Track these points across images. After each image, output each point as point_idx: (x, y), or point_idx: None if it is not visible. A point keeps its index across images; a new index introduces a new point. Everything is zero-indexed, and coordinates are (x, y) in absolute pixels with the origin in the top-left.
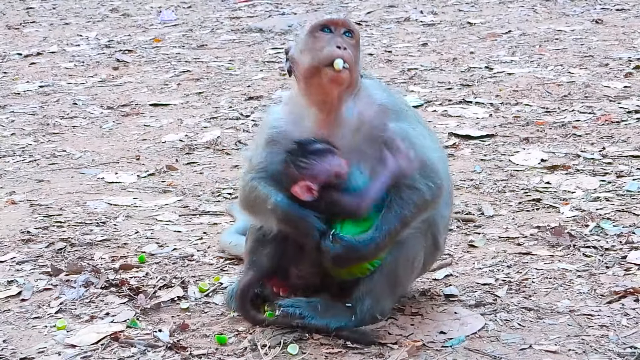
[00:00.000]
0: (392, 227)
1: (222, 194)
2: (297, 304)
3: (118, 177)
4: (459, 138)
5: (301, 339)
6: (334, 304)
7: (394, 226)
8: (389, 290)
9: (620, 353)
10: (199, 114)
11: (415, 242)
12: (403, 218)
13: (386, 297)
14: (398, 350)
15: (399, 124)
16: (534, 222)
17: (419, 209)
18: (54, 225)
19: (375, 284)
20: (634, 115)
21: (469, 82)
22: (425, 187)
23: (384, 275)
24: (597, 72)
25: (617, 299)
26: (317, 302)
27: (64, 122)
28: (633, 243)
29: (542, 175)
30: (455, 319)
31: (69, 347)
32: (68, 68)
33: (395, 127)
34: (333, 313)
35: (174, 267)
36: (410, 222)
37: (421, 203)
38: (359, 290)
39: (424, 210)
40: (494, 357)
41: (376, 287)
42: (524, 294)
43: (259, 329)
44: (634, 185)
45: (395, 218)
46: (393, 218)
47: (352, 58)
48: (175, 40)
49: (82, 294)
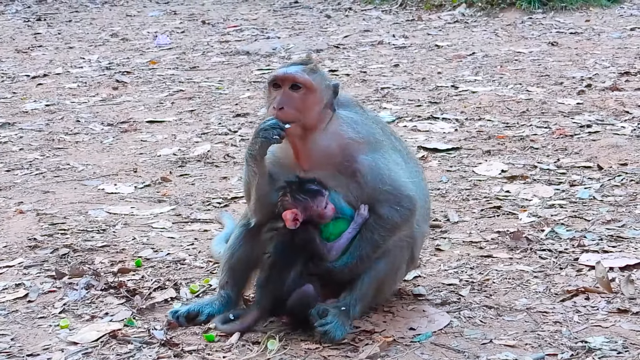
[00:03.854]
0: (364, 252)
1: (212, 203)
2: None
3: (117, 188)
4: (427, 151)
5: (282, 335)
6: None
7: (366, 251)
8: (375, 296)
9: (572, 347)
10: (191, 129)
11: (401, 255)
12: (374, 242)
13: (371, 303)
14: (371, 345)
15: (370, 156)
16: (495, 228)
17: (390, 232)
18: (58, 233)
19: (365, 291)
20: (586, 129)
21: (436, 100)
22: (395, 213)
23: (373, 284)
24: (553, 90)
25: (569, 297)
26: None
27: (68, 138)
28: (584, 246)
29: (503, 184)
30: (423, 317)
31: (71, 345)
32: (72, 88)
33: (364, 159)
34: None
35: (167, 270)
36: (382, 244)
37: (391, 227)
38: (352, 296)
39: (395, 232)
40: (458, 351)
41: (365, 295)
42: (485, 293)
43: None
44: (586, 194)
45: (367, 243)
46: (365, 244)
47: (290, 114)
48: (169, 62)
49: (83, 295)
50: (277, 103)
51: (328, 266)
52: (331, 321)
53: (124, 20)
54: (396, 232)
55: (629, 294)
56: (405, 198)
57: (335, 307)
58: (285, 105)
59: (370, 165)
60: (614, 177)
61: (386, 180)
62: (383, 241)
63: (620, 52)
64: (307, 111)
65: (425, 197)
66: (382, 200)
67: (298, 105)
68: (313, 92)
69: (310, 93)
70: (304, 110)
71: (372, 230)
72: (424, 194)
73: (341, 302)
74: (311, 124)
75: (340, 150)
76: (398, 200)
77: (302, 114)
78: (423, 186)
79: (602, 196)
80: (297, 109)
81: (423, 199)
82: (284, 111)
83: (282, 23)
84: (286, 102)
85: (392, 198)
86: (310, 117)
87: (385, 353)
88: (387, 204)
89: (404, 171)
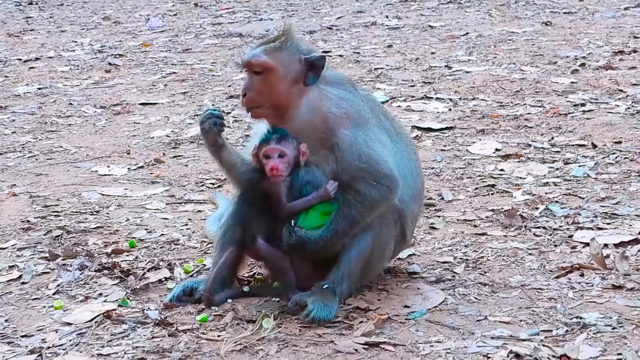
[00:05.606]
0: (340, 227)
1: (205, 184)
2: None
3: (110, 170)
4: (421, 130)
5: (277, 314)
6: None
7: (342, 226)
8: (363, 273)
9: (567, 323)
10: (184, 111)
11: (387, 231)
12: (352, 219)
13: (360, 280)
14: (366, 322)
15: (351, 131)
16: (489, 206)
17: (368, 208)
18: (52, 215)
19: (351, 269)
20: (580, 108)
21: (430, 80)
22: (372, 190)
23: (360, 261)
24: (547, 69)
25: (564, 274)
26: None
27: (61, 121)
28: (579, 223)
29: (497, 163)
30: (417, 294)
31: (65, 325)
32: (64, 71)
33: (344, 133)
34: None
35: (161, 251)
36: (360, 221)
37: (369, 204)
38: (337, 273)
39: (374, 209)
40: (453, 328)
41: (352, 272)
42: (479, 270)
43: (239, 305)
44: (580, 171)
45: (344, 219)
46: (342, 219)
47: (253, 99)
48: (162, 45)
49: (77, 276)
50: (242, 89)
51: (302, 236)
52: (312, 308)
53: (115, 4)
54: (375, 209)
55: (624, 270)
56: (383, 176)
57: (312, 292)
58: (248, 91)
59: (350, 141)
60: (608, 155)
61: (363, 157)
62: (361, 217)
63: (614, 32)
64: (270, 93)
65: (415, 177)
66: (358, 177)
67: (260, 88)
68: (272, 72)
69: (269, 74)
70: (267, 92)
71: (349, 205)
72: (413, 173)
73: (324, 281)
74: (278, 103)
75: (322, 123)
76: (376, 178)
77: (265, 96)
78: (413, 166)
79: (596, 174)
80: (260, 92)
81: (412, 178)
82: (247, 97)
83: (275, 5)
84: (249, 87)
85: (368, 175)
86: (276, 98)
87: (380, 330)
88: (363, 180)
89: (387, 150)
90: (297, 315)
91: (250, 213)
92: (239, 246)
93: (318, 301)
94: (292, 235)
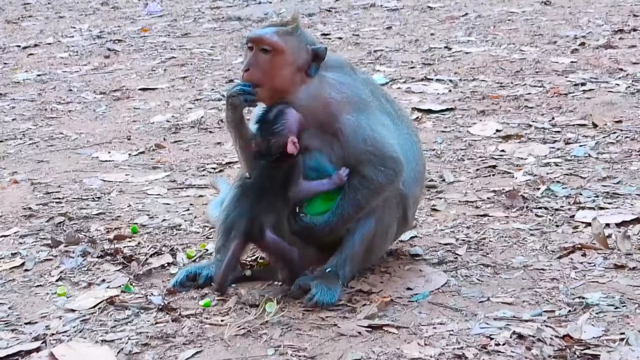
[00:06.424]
0: (346, 212)
1: (207, 168)
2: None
3: (111, 155)
4: (422, 112)
5: (280, 298)
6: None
7: (348, 211)
8: (366, 256)
9: (569, 303)
10: (184, 96)
11: (390, 214)
12: (357, 203)
13: (363, 263)
14: (369, 305)
15: (354, 116)
16: (491, 187)
17: (374, 192)
18: (53, 201)
19: (354, 252)
20: (580, 87)
21: (430, 61)
22: (379, 174)
23: (363, 244)
24: (547, 49)
25: (566, 254)
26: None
27: (61, 107)
28: (580, 203)
29: (498, 144)
30: (420, 276)
31: (69, 312)
32: (63, 57)
33: (347, 118)
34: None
35: (163, 236)
36: (365, 205)
37: (375, 188)
38: (340, 257)
39: (380, 193)
40: (456, 310)
41: (355, 255)
42: (482, 252)
43: (242, 290)
44: (580, 151)
45: (349, 204)
46: (347, 204)
47: (255, 76)
48: (161, 29)
49: (80, 263)
50: (245, 64)
51: (308, 223)
52: (315, 292)
53: None
54: (380, 193)
55: (626, 250)
56: (389, 159)
57: (315, 276)
58: (252, 67)
59: (353, 125)
60: (608, 134)
61: (368, 140)
62: (366, 202)
63: (614, 10)
64: (274, 74)
65: (417, 159)
66: (364, 160)
67: (265, 67)
68: (281, 54)
69: (278, 55)
70: (271, 73)
71: (355, 190)
72: (415, 156)
73: (327, 265)
74: (280, 87)
75: (323, 109)
76: (381, 161)
77: (269, 76)
78: (415, 148)
79: (597, 153)
80: (264, 71)
81: (414, 161)
82: (250, 72)
83: None
84: (253, 63)
85: (374, 159)
86: (278, 80)
87: (383, 313)
88: (370, 164)
89: (391, 133)
90: (300, 299)
91: (258, 201)
92: (245, 238)
93: (321, 285)
94: (298, 222)
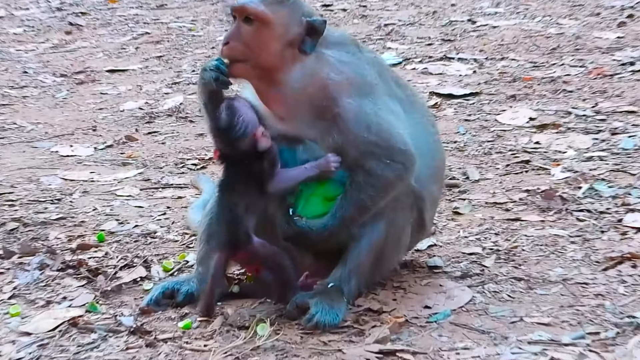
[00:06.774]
0: (348, 213)
1: (187, 164)
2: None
3: (73, 150)
4: (441, 97)
5: (274, 319)
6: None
7: (350, 213)
8: (375, 268)
9: (617, 323)
10: (160, 79)
11: (402, 217)
12: (361, 203)
13: (372, 276)
14: (379, 327)
15: (356, 100)
16: (523, 186)
17: (381, 191)
18: (5, 204)
19: (361, 263)
20: (629, 67)
21: (450, 37)
22: (386, 169)
23: (371, 253)
24: (588, 22)
25: (613, 265)
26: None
27: (14, 93)
28: (629, 205)
29: (531, 134)
30: (440, 292)
31: (23, 335)
32: (17, 34)
33: (348, 102)
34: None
35: (135, 245)
36: (370, 206)
37: (382, 185)
38: (344, 269)
39: (387, 192)
40: (482, 332)
41: (362, 267)
42: (513, 263)
43: (228, 309)
44: (630, 143)
45: (352, 204)
46: (349, 204)
47: (236, 50)
48: (132, 0)
49: (36, 277)
50: (225, 36)
51: (303, 227)
52: (315, 312)
53: None
54: (387, 191)
55: None
56: (397, 151)
57: (315, 292)
58: (233, 40)
59: (355, 110)
60: None
61: (373, 128)
62: (372, 202)
63: None
64: (258, 48)
65: (433, 152)
66: (368, 152)
67: (248, 41)
68: (267, 25)
69: (264, 27)
70: (255, 47)
71: (359, 188)
72: (431, 148)
73: (330, 278)
74: (266, 64)
75: (319, 91)
76: (388, 154)
77: (252, 51)
78: (431, 140)
79: None
80: (247, 44)
81: (429, 155)
82: (230, 46)
83: None
84: (235, 35)
85: (380, 151)
86: (264, 56)
87: (397, 336)
88: (374, 157)
89: (400, 121)
90: (297, 320)
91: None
92: (230, 248)
93: (322, 303)
94: (291, 226)
